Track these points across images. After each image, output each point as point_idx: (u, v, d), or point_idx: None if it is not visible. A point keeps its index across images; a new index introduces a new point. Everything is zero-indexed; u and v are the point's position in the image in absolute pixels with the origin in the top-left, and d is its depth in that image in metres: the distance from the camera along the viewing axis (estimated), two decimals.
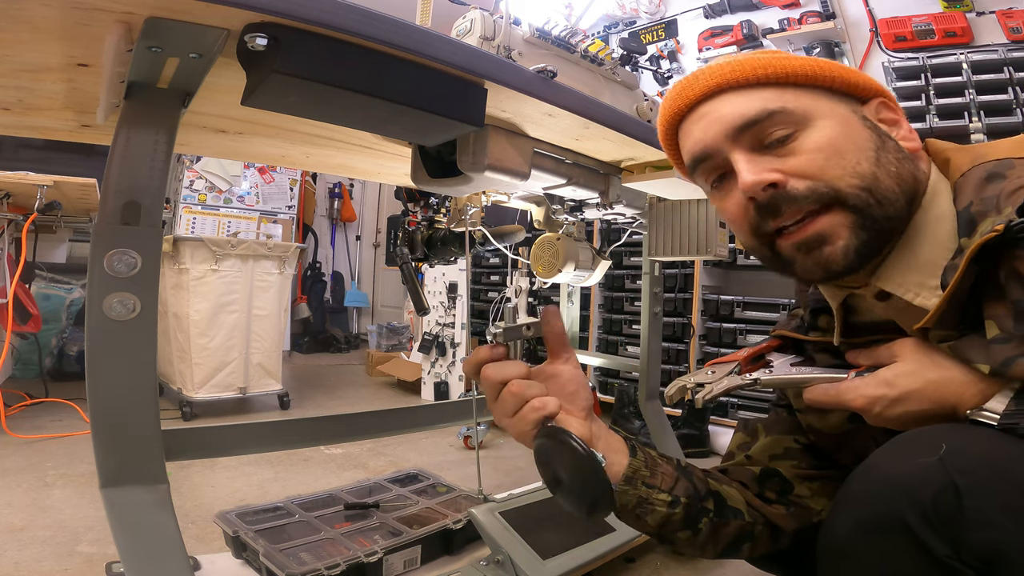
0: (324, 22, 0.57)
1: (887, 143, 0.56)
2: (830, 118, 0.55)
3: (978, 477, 0.44)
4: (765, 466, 0.73)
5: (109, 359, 0.65)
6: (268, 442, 1.18)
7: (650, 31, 3.29)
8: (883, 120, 0.57)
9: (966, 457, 0.45)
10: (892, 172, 0.54)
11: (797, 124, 0.55)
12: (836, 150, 0.54)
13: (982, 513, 0.43)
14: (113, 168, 0.65)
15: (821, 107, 0.56)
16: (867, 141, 0.55)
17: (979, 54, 2.27)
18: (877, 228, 0.53)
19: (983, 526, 0.43)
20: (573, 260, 1.33)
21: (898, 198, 0.54)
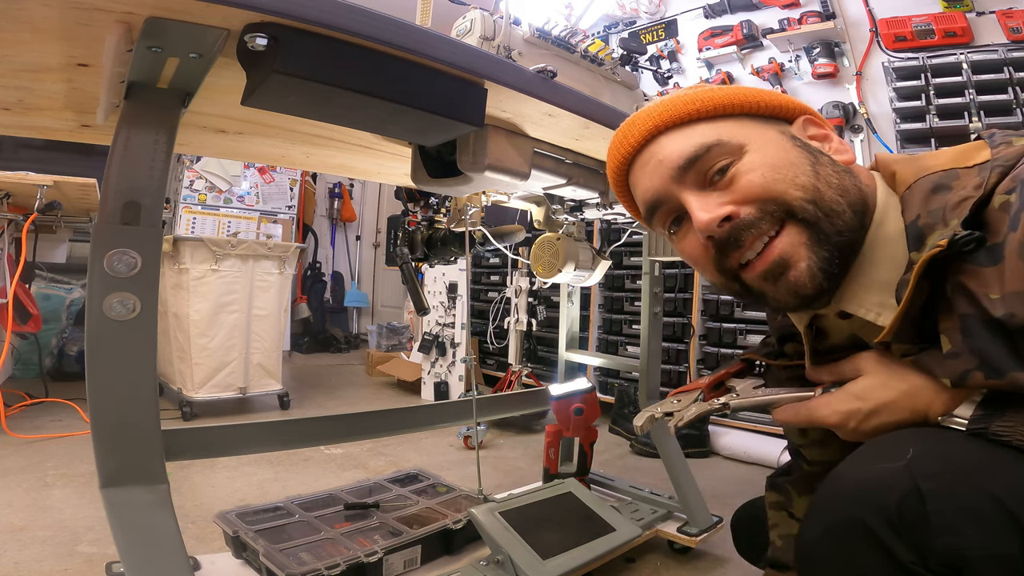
0: (324, 22, 0.57)
1: (820, 157, 0.56)
2: (761, 142, 0.56)
3: (942, 482, 0.44)
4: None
5: (109, 359, 0.65)
6: (268, 442, 1.18)
7: (650, 31, 3.29)
8: (812, 137, 0.59)
9: (931, 462, 0.46)
10: (833, 184, 0.54)
11: (733, 154, 0.56)
12: (773, 168, 0.55)
13: (946, 518, 0.43)
14: (113, 168, 0.65)
15: (752, 133, 0.57)
16: (800, 157, 0.56)
17: (979, 54, 2.27)
18: (832, 243, 0.53)
19: (947, 532, 0.43)
20: (573, 260, 1.33)
21: (844, 210, 0.54)
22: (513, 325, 2.71)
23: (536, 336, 3.18)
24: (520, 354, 2.70)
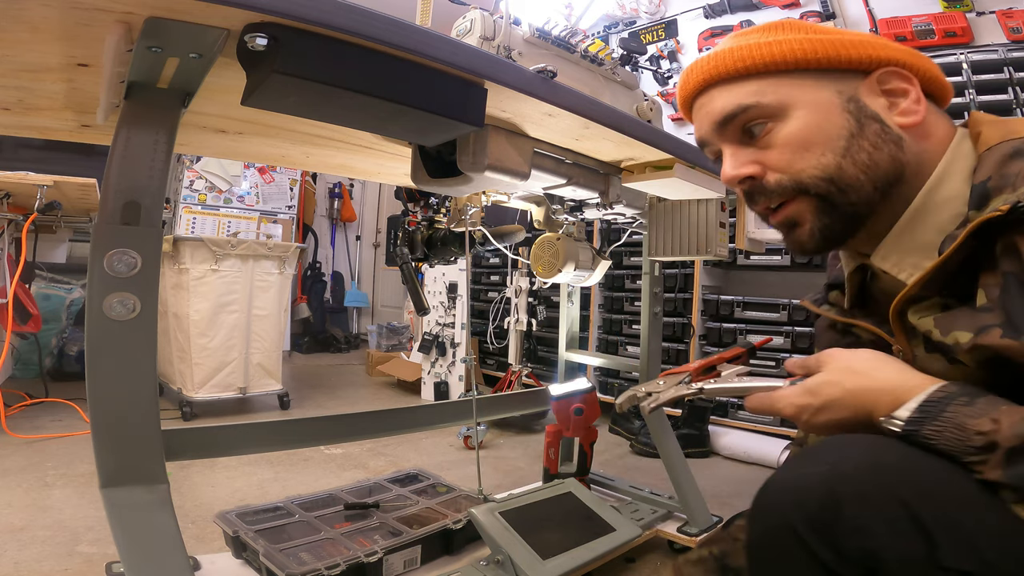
0: (324, 22, 0.57)
1: (866, 128, 0.55)
2: (806, 107, 0.56)
3: (858, 485, 0.46)
4: None
5: (109, 359, 0.65)
6: (268, 442, 1.18)
7: (650, 31, 3.29)
8: (890, 91, 0.56)
9: (851, 466, 0.48)
10: (861, 161, 0.55)
11: (771, 117, 0.57)
12: (803, 144, 0.56)
13: (860, 521, 0.45)
14: (113, 168, 0.65)
15: (801, 95, 0.56)
16: (840, 130, 0.56)
17: (979, 54, 2.27)
18: (840, 212, 0.57)
19: (860, 534, 0.45)
20: (573, 260, 1.33)
21: (863, 185, 0.56)
22: (513, 325, 2.71)
23: (536, 336, 3.18)
24: (520, 354, 2.70)
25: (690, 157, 1.07)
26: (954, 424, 0.47)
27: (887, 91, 0.56)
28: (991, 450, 0.45)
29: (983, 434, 0.45)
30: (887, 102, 0.56)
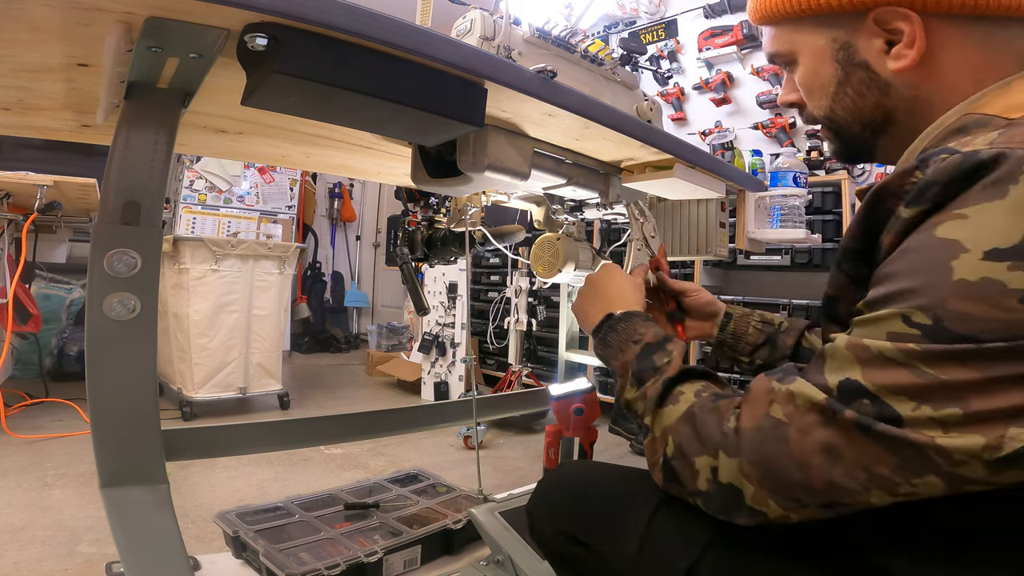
0: (324, 22, 0.57)
1: (852, 76, 0.57)
2: (806, 55, 0.60)
3: (535, 498, 0.72)
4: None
5: (109, 359, 0.65)
6: (268, 442, 1.18)
7: (650, 31, 3.29)
8: (892, 30, 0.53)
9: (546, 478, 0.73)
10: (847, 105, 0.59)
11: (788, 61, 0.63)
12: (807, 88, 0.62)
13: (534, 520, 0.71)
14: (113, 168, 0.65)
15: (802, 43, 0.60)
16: (829, 77, 0.59)
17: None
18: (845, 142, 0.62)
19: (541, 538, 0.70)
20: (573, 260, 1.33)
21: (851, 126, 0.60)
22: (513, 325, 2.71)
23: (536, 336, 3.18)
24: (520, 354, 2.70)
25: (690, 157, 1.07)
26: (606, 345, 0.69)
27: (889, 30, 0.53)
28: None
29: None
30: (884, 44, 0.54)
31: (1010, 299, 0.36)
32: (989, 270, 0.37)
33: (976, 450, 0.37)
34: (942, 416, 0.38)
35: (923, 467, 0.39)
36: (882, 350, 0.40)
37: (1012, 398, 0.36)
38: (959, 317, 0.37)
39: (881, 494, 0.41)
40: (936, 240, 0.40)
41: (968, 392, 0.37)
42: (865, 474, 0.40)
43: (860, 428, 0.40)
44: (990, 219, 0.38)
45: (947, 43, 0.51)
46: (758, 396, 0.47)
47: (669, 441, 0.52)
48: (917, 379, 0.39)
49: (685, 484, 0.51)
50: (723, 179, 1.20)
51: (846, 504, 0.42)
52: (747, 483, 0.45)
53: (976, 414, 0.37)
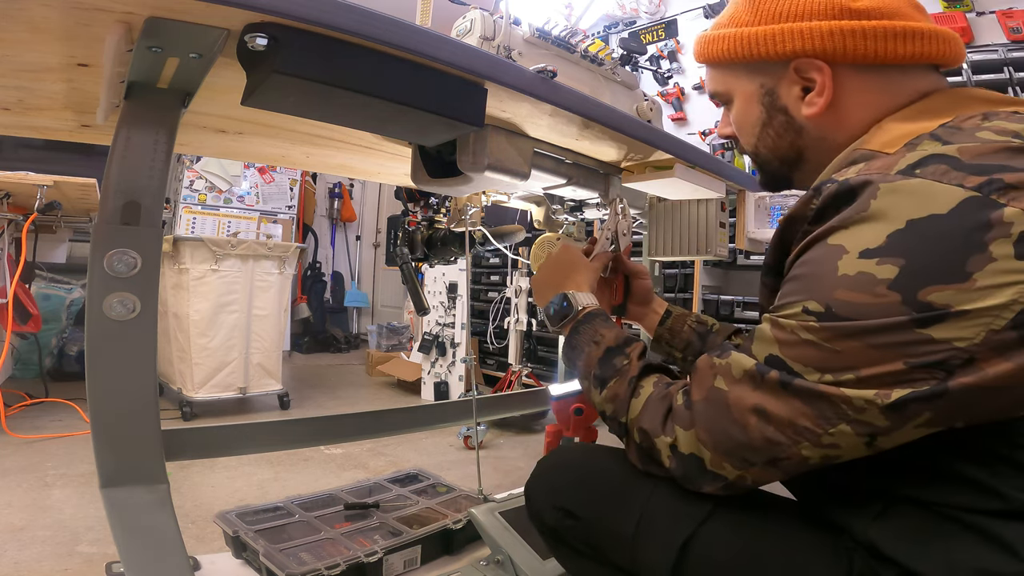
0: (324, 22, 0.57)
1: (773, 119, 0.65)
2: (739, 97, 0.68)
3: (533, 477, 0.75)
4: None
5: (109, 359, 0.65)
6: (268, 442, 1.18)
7: (650, 31, 3.29)
8: (808, 79, 0.60)
9: (544, 458, 0.77)
10: (768, 144, 0.67)
11: (725, 100, 0.70)
12: (739, 126, 0.70)
13: (535, 503, 0.73)
14: (113, 168, 0.65)
15: (736, 86, 0.67)
16: (755, 118, 0.66)
17: (979, 54, 2.27)
18: (768, 174, 0.71)
19: (538, 514, 0.72)
20: None
21: (772, 161, 0.68)
22: (513, 325, 2.71)
23: (536, 336, 3.18)
24: (520, 354, 2.70)
25: (690, 157, 1.07)
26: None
27: (805, 79, 0.61)
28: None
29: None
30: (800, 93, 0.62)
31: (879, 287, 0.45)
32: (863, 266, 0.46)
33: (869, 396, 0.45)
34: (840, 380, 0.47)
35: (834, 415, 0.47)
36: (792, 329, 0.49)
37: (892, 364, 0.45)
38: (843, 304, 0.47)
39: (809, 446, 0.49)
40: (827, 247, 0.49)
41: (858, 361, 0.46)
42: (791, 428, 0.49)
43: (782, 385, 0.49)
44: (862, 228, 0.47)
45: (851, 88, 0.59)
46: (703, 372, 0.56)
47: (634, 431, 0.62)
48: (818, 352, 0.48)
49: (658, 465, 0.59)
50: (723, 179, 1.20)
51: (784, 459, 0.50)
52: (704, 449, 0.54)
53: (866, 378, 0.46)
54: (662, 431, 0.58)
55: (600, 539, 0.65)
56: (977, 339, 0.42)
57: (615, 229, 1.00)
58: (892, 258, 0.45)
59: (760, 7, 0.62)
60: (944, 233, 0.44)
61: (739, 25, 0.63)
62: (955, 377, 0.43)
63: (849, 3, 0.57)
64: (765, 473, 0.52)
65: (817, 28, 0.58)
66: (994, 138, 0.47)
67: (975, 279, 0.42)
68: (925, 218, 0.44)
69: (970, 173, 0.45)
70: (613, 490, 0.66)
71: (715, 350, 0.58)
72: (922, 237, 0.44)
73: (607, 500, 0.66)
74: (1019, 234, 0.42)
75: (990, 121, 0.50)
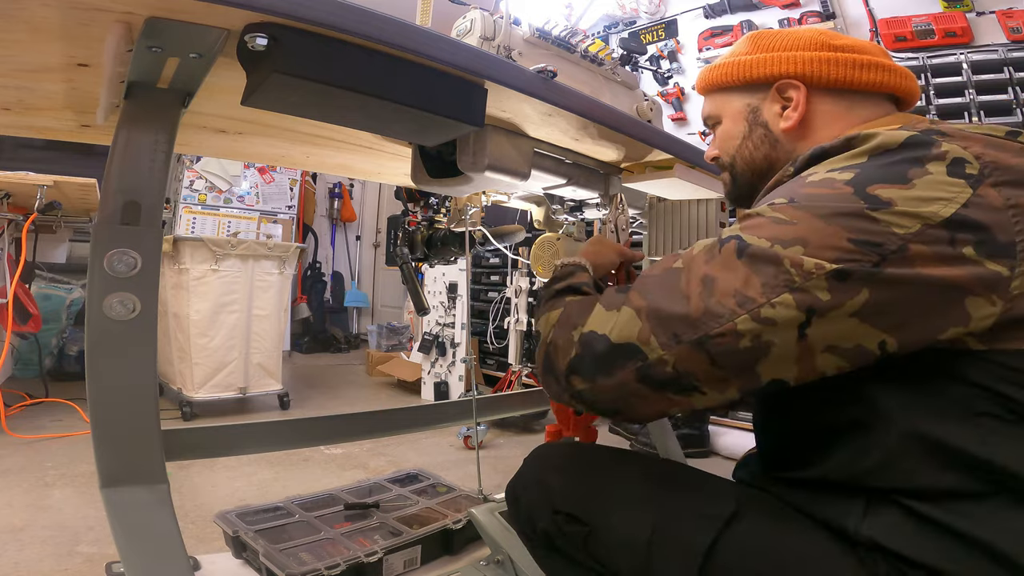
0: (324, 22, 0.57)
1: (753, 133, 0.73)
2: (727, 116, 0.76)
3: (522, 480, 0.74)
4: None
5: (109, 359, 0.65)
6: (268, 442, 1.18)
7: (650, 31, 3.29)
8: (787, 98, 0.70)
9: (530, 459, 0.76)
10: (745, 156, 0.74)
11: (715, 123, 0.79)
12: (722, 141, 0.77)
13: (526, 507, 0.71)
14: (113, 168, 0.65)
15: (726, 107, 0.76)
16: (738, 133, 0.75)
17: (979, 54, 2.27)
18: (739, 186, 0.77)
19: (529, 520, 0.70)
20: None
21: (745, 173, 0.75)
22: (513, 325, 2.71)
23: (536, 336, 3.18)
24: (520, 354, 2.70)
25: (690, 157, 1.07)
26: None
27: (784, 97, 0.70)
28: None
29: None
30: (780, 108, 0.70)
31: (837, 183, 0.52)
32: (826, 175, 0.53)
33: (814, 266, 0.48)
34: (792, 251, 0.49)
35: (781, 283, 0.48)
36: (756, 214, 0.54)
37: (837, 239, 0.48)
38: (805, 196, 0.53)
39: (747, 319, 0.49)
40: (799, 177, 0.57)
41: (809, 233, 0.49)
42: (734, 298, 0.50)
43: (737, 252, 0.52)
44: (829, 164, 0.56)
45: (821, 108, 0.69)
46: (664, 260, 0.60)
47: (551, 333, 0.62)
48: (776, 226, 0.51)
49: (559, 360, 0.59)
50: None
51: (715, 337, 0.50)
52: (637, 320, 0.54)
53: (813, 248, 0.49)
54: (579, 323, 0.58)
55: (607, 548, 0.61)
56: (913, 229, 0.47)
57: (615, 221, 1.01)
58: (850, 171, 0.52)
59: (758, 42, 0.73)
60: (892, 157, 0.52)
61: (738, 56, 0.74)
62: (888, 263, 0.47)
63: (830, 40, 0.69)
64: (688, 358, 0.51)
65: (800, 56, 0.69)
66: (970, 129, 0.56)
67: (914, 184, 0.49)
68: (880, 153, 0.53)
69: (919, 131, 0.54)
70: (621, 492, 0.63)
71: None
72: (875, 161, 0.53)
73: (616, 502, 0.62)
74: (952, 159, 0.50)
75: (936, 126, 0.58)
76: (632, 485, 0.64)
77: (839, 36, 0.70)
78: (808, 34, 0.70)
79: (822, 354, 0.49)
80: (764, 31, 0.75)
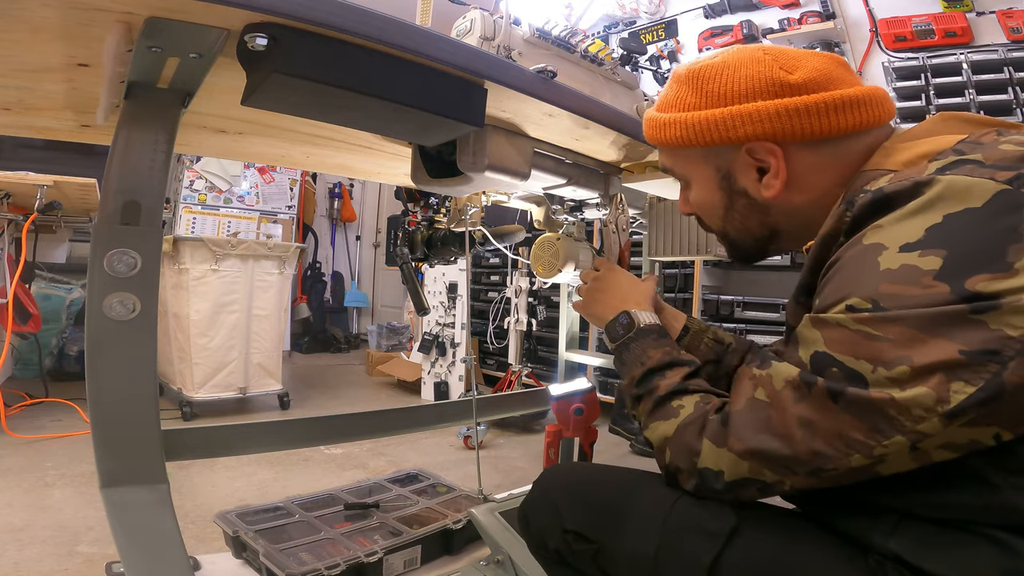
0: (324, 22, 0.57)
1: (735, 203, 0.66)
2: (696, 181, 0.69)
3: (533, 499, 0.73)
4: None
5: (109, 359, 0.65)
6: (268, 442, 1.18)
7: (650, 31, 3.29)
8: (761, 160, 0.61)
9: (541, 480, 0.75)
10: (736, 225, 0.68)
11: (684, 179, 0.71)
12: (701, 209, 0.71)
13: (537, 526, 0.72)
14: (113, 168, 0.65)
15: (693, 170, 0.68)
16: (718, 202, 0.68)
17: (979, 54, 2.27)
18: (741, 251, 0.72)
19: (540, 539, 0.71)
20: (573, 260, 1.33)
21: (744, 240, 0.69)
22: (513, 325, 2.71)
23: (536, 336, 3.18)
24: (520, 354, 2.70)
25: None
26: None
27: (758, 160, 0.62)
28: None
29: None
30: (756, 174, 0.63)
31: (926, 277, 0.44)
32: (905, 259, 0.46)
33: (929, 403, 0.43)
34: (895, 375, 0.45)
35: (889, 427, 0.45)
36: (838, 322, 0.48)
37: (944, 351, 0.43)
38: (890, 297, 0.46)
39: (860, 457, 0.47)
40: (863, 247, 0.48)
41: (910, 349, 0.44)
42: (841, 440, 0.47)
43: (831, 396, 0.47)
44: (898, 226, 0.47)
45: (805, 164, 0.61)
46: (743, 384, 0.55)
47: (666, 451, 0.60)
48: (871, 342, 0.46)
49: (684, 482, 0.58)
50: None
51: (831, 470, 0.48)
52: (739, 462, 0.52)
53: (920, 368, 0.44)
54: (696, 448, 0.56)
55: (616, 564, 0.62)
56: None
57: (615, 222, 1.01)
58: (934, 250, 0.45)
59: (703, 88, 0.62)
60: (981, 224, 0.44)
61: (686, 109, 0.63)
62: (1007, 371, 0.42)
63: (786, 77, 0.59)
64: (806, 481, 0.50)
65: (764, 109, 0.59)
66: (1015, 148, 0.48)
67: (1017, 269, 0.42)
68: (961, 211, 0.45)
69: (998, 170, 0.46)
70: (628, 509, 0.64)
71: (755, 359, 0.56)
72: (960, 229, 0.45)
73: (622, 520, 0.64)
74: None
75: (1005, 136, 0.51)
76: (636, 503, 0.64)
77: (788, 61, 0.60)
78: (755, 71, 0.60)
79: (936, 450, 0.46)
80: (701, 67, 0.63)
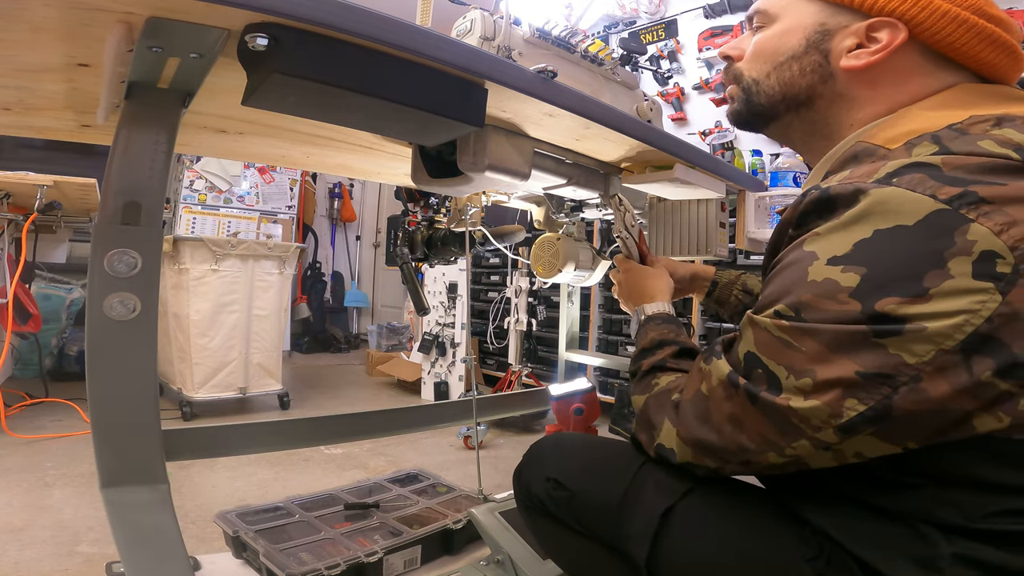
0: (324, 22, 0.57)
1: (807, 56, 0.62)
2: (784, 23, 0.64)
3: (525, 458, 0.81)
4: None
5: (109, 359, 0.65)
6: (268, 442, 1.18)
7: (650, 31, 3.29)
8: (872, 37, 0.58)
9: (538, 442, 0.83)
10: (785, 79, 0.64)
11: (766, 22, 0.66)
12: (761, 50, 0.66)
13: (524, 479, 0.79)
14: (113, 168, 0.65)
15: (792, 12, 0.63)
16: (788, 49, 0.63)
17: None
18: (753, 108, 0.68)
19: (527, 488, 0.78)
20: (573, 260, 1.33)
21: (775, 94, 0.65)
22: (513, 325, 2.71)
23: (536, 336, 3.18)
24: (520, 354, 2.71)
25: (690, 157, 1.07)
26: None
27: (871, 37, 0.58)
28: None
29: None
30: (854, 44, 0.59)
31: (842, 294, 0.46)
32: (829, 272, 0.47)
33: (824, 417, 0.47)
34: (801, 385, 0.48)
35: (794, 432, 0.49)
36: (766, 327, 0.51)
37: (843, 369, 0.45)
38: (810, 308, 0.48)
39: (775, 455, 0.52)
40: (801, 252, 0.50)
41: (816, 363, 0.47)
42: (760, 437, 0.52)
43: (750, 398, 0.51)
44: (832, 236, 0.48)
45: (903, 64, 0.58)
46: (693, 375, 0.61)
47: (635, 421, 0.69)
48: (788, 350, 0.49)
49: (646, 449, 0.65)
50: (723, 179, 1.20)
51: (755, 462, 0.54)
52: (684, 446, 0.59)
53: (820, 383, 0.47)
54: (656, 424, 0.64)
55: (587, 510, 0.69)
56: (926, 357, 0.43)
57: (624, 224, 1.03)
58: (855, 267, 0.45)
59: None
60: (907, 244, 0.44)
61: None
62: (898, 396, 0.44)
63: (985, 7, 0.56)
64: (740, 469, 0.57)
65: (937, 5, 0.55)
66: (990, 149, 0.46)
67: (931, 295, 0.42)
68: (891, 228, 0.44)
69: (946, 184, 0.44)
70: (603, 465, 0.71)
71: (706, 350, 0.61)
72: (886, 247, 0.45)
73: (597, 474, 0.71)
74: (980, 253, 0.41)
75: (1000, 128, 0.48)
76: (611, 462, 0.71)
77: (992, 5, 0.57)
78: None
79: (852, 456, 0.49)
80: None
